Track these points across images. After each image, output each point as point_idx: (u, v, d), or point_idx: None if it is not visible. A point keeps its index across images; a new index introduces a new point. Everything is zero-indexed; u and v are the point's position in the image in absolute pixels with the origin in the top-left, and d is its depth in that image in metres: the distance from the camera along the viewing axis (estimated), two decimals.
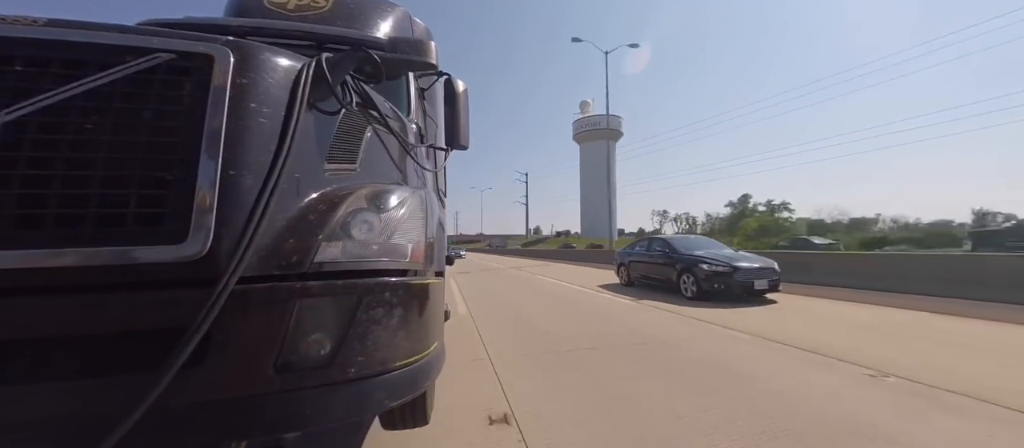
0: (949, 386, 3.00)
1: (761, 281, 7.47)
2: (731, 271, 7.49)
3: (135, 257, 0.99)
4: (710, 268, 7.64)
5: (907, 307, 6.52)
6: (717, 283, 7.48)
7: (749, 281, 7.42)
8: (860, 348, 4.08)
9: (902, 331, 4.91)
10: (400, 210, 1.38)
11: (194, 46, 1.16)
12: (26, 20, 1.09)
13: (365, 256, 1.24)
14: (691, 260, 8.10)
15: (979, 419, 2.49)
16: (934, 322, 5.45)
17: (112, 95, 1.06)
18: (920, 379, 3.16)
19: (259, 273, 1.09)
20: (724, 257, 8.02)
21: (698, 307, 6.86)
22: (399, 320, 1.26)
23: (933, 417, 2.51)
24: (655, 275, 9.34)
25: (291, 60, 1.33)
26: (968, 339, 4.49)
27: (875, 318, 5.74)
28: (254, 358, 1.06)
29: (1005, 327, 5.09)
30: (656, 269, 9.27)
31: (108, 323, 0.99)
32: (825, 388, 3.03)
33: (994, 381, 3.10)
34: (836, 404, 2.73)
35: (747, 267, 7.60)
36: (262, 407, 1.06)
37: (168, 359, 0.89)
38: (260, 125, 1.18)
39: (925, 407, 2.67)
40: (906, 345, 4.24)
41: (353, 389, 1.16)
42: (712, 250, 8.69)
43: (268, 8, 2.78)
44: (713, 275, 7.55)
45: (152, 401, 0.87)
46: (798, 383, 3.15)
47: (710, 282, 7.52)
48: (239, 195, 1.09)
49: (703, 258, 7.93)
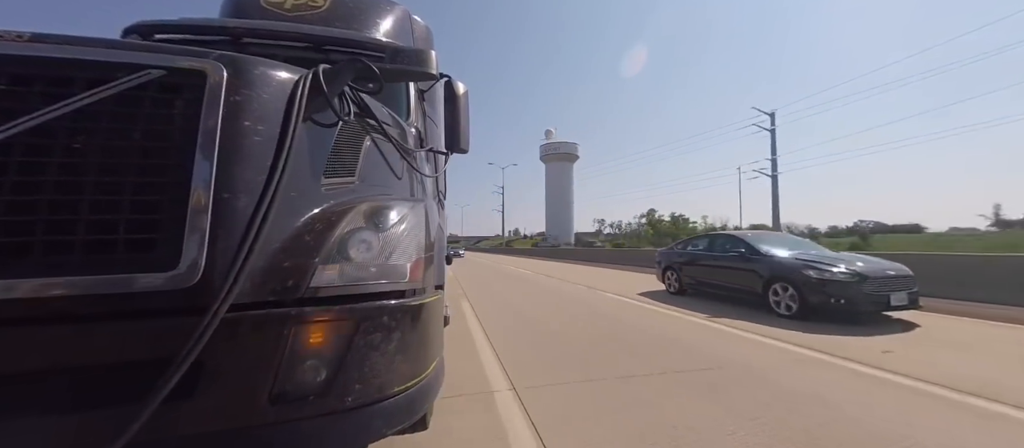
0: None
1: (899, 294, 5.14)
2: (857, 280, 5.17)
3: (125, 285, 0.96)
4: (822, 275, 5.32)
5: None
6: (834, 296, 5.15)
7: (883, 295, 5.11)
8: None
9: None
10: (399, 227, 1.32)
11: (186, 62, 1.13)
12: (9, 35, 1.06)
13: (363, 279, 1.20)
14: (789, 264, 5.86)
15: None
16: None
17: (100, 115, 1.03)
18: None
19: (253, 299, 1.06)
20: (835, 259, 5.69)
21: (807, 331, 4.79)
22: (398, 344, 1.21)
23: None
24: (722, 282, 7.03)
25: (287, 73, 1.30)
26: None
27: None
28: (248, 388, 1.03)
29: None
30: (724, 274, 6.96)
31: (97, 354, 0.96)
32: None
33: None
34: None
35: (878, 275, 5.26)
36: (256, 439, 1.03)
37: (152, 391, 0.87)
38: (255, 143, 1.15)
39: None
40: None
41: (350, 418, 1.12)
42: (809, 250, 6.38)
43: (265, 8, 2.73)
44: (828, 285, 5.22)
45: (133, 434, 0.85)
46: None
47: (822, 294, 5.20)
48: (233, 218, 1.06)
49: (808, 261, 5.60)
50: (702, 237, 8.66)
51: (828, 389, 2.89)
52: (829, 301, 5.19)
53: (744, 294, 6.49)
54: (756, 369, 3.37)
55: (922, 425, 2.34)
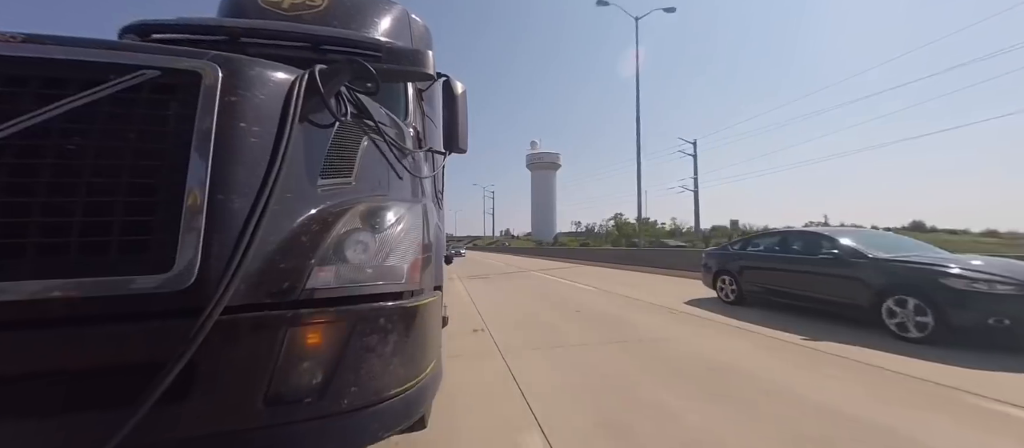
0: None
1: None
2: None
3: (120, 288, 0.96)
4: (972, 285, 3.91)
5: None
6: (994, 315, 3.74)
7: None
8: None
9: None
10: (396, 227, 1.31)
11: (181, 62, 1.13)
12: (3, 36, 1.05)
13: (359, 280, 1.18)
14: (916, 270, 4.33)
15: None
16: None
17: (95, 116, 1.03)
18: None
19: (248, 301, 1.05)
20: (968, 263, 4.28)
21: (959, 364, 3.34)
22: (394, 346, 1.20)
23: None
24: (803, 291, 5.54)
25: (283, 74, 1.29)
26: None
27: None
28: (242, 391, 1.02)
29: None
30: (808, 281, 5.46)
31: (92, 357, 0.95)
32: None
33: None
34: None
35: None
36: (251, 442, 1.03)
37: (144, 394, 0.86)
38: (250, 145, 1.15)
39: None
40: None
41: (346, 421, 1.12)
42: (928, 252, 5.00)
43: (263, 7, 2.70)
44: (980, 299, 3.82)
45: (124, 437, 0.85)
46: None
47: (972, 312, 3.80)
48: (228, 219, 1.06)
49: (942, 267, 4.19)
50: (769, 235, 7.02)
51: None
52: (984, 321, 3.79)
53: (838, 307, 5.00)
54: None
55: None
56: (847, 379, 3.08)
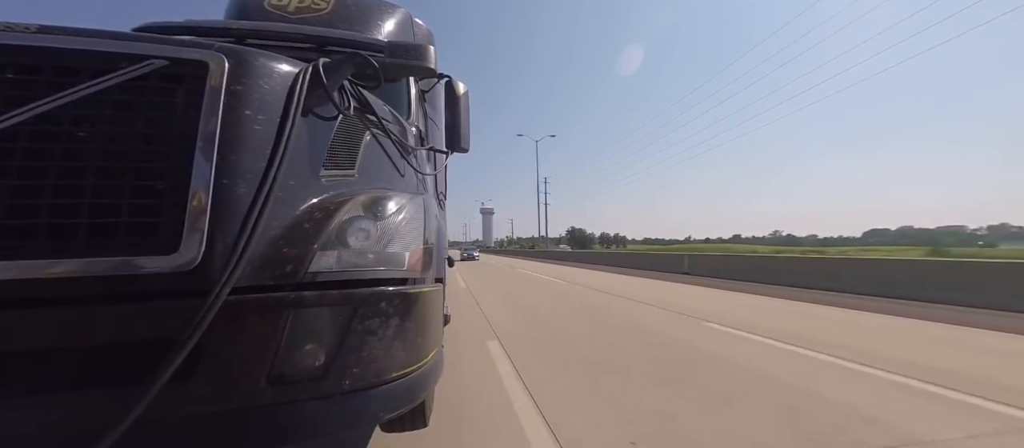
0: None
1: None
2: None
3: (128, 268, 0.98)
4: None
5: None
6: None
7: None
8: None
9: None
10: (398, 217, 1.33)
11: (188, 52, 1.16)
12: (18, 27, 1.08)
13: (361, 265, 1.21)
14: None
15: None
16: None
17: (105, 103, 1.05)
18: None
19: (253, 283, 1.07)
20: None
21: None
22: (395, 330, 1.22)
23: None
24: None
25: (287, 65, 1.32)
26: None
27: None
28: (247, 370, 1.04)
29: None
30: None
31: (100, 335, 0.97)
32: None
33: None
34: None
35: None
36: (255, 420, 1.04)
37: (155, 372, 0.88)
38: (255, 132, 1.17)
39: None
40: None
41: (347, 401, 1.14)
42: None
43: (269, 10, 2.77)
44: None
45: (138, 414, 0.86)
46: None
47: None
48: (233, 204, 1.08)
49: None
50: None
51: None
52: None
53: None
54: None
55: None
56: None
